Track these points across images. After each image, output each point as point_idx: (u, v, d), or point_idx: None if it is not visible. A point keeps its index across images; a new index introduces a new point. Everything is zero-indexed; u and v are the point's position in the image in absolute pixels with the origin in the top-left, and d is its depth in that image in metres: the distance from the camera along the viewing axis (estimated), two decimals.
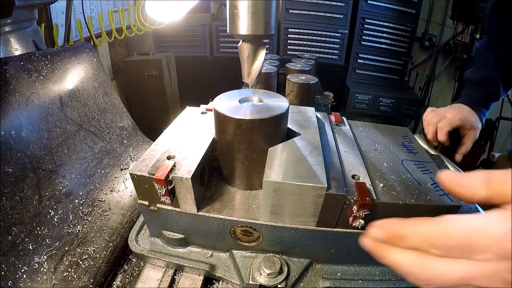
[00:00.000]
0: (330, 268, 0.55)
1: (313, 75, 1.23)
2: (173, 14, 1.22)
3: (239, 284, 0.52)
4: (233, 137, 0.51)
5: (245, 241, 0.53)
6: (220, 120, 0.51)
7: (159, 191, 0.48)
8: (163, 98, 2.65)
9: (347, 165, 0.53)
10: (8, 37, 0.72)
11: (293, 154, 0.50)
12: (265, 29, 0.49)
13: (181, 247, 0.57)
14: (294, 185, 0.44)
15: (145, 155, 0.51)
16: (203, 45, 2.90)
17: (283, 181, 0.44)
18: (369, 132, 0.69)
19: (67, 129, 0.72)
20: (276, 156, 0.49)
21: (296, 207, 0.46)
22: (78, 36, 1.82)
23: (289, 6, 2.70)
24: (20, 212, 0.54)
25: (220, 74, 2.86)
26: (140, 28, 2.17)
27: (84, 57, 0.84)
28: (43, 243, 0.55)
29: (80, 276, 0.54)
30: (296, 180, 0.44)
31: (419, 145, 0.66)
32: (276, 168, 0.46)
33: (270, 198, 0.46)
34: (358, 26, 2.73)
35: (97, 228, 0.63)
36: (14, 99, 0.61)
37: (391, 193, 0.48)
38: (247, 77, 0.57)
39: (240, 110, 0.51)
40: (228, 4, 0.48)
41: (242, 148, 0.51)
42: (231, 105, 0.52)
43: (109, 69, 2.46)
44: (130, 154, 0.85)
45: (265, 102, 0.54)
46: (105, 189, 0.72)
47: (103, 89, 0.87)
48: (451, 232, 0.32)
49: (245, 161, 0.53)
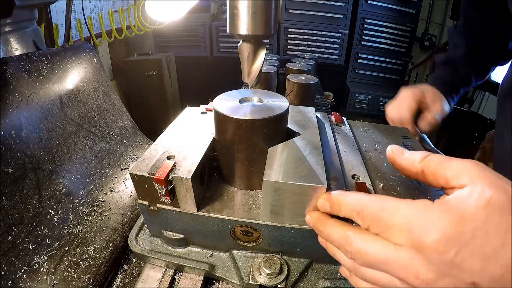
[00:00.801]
0: (330, 268, 0.55)
1: (313, 75, 1.22)
2: (173, 14, 1.22)
3: (239, 284, 0.52)
4: (233, 137, 0.51)
5: (245, 241, 0.53)
6: (220, 120, 0.51)
7: (159, 191, 0.48)
8: (163, 98, 2.65)
9: (347, 165, 0.53)
10: (8, 37, 0.72)
11: (293, 154, 0.50)
12: (265, 29, 0.49)
13: (181, 247, 0.57)
14: (294, 185, 0.43)
15: (145, 155, 0.51)
16: (203, 45, 2.90)
17: (283, 181, 0.44)
18: (369, 132, 0.69)
19: (67, 129, 0.72)
20: (276, 156, 0.49)
21: (296, 207, 0.46)
22: (78, 36, 1.82)
23: (289, 6, 2.70)
24: (20, 212, 0.54)
25: (220, 74, 2.86)
26: (140, 28, 2.17)
27: (84, 57, 0.84)
28: (43, 243, 0.55)
29: (80, 276, 0.54)
30: (296, 180, 0.44)
31: (419, 145, 0.66)
32: (276, 168, 0.46)
33: (270, 198, 0.46)
34: (358, 26, 2.73)
35: (97, 228, 0.63)
36: (14, 99, 0.61)
37: (391, 193, 0.48)
38: (247, 77, 0.57)
39: (240, 110, 0.50)
40: (228, 4, 0.48)
41: (242, 148, 0.51)
42: (231, 105, 0.52)
43: (109, 69, 2.46)
44: (130, 154, 0.85)
45: (265, 102, 0.54)
46: (105, 189, 0.72)
47: (103, 89, 0.87)
48: (374, 203, 0.33)
49: (245, 161, 0.53)
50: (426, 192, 0.49)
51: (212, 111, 0.53)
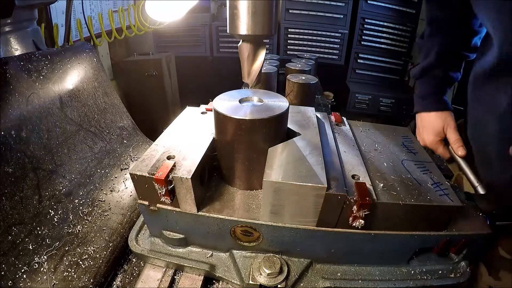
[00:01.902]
0: (330, 268, 0.55)
1: (313, 75, 1.23)
2: (173, 14, 1.22)
3: (239, 284, 0.52)
4: (233, 137, 0.51)
5: (245, 241, 0.53)
6: (220, 120, 0.52)
7: (159, 191, 0.48)
8: (163, 98, 2.65)
9: (347, 165, 0.53)
10: (8, 37, 0.72)
11: (293, 154, 0.50)
12: (265, 29, 0.49)
13: (181, 247, 0.57)
14: (294, 185, 0.44)
15: (145, 155, 0.51)
16: (203, 45, 2.90)
17: (283, 181, 0.44)
18: (369, 132, 0.69)
19: (67, 129, 0.72)
20: (276, 156, 0.49)
21: (296, 207, 0.46)
22: (78, 36, 1.81)
23: (289, 6, 2.69)
24: (20, 212, 0.54)
25: (220, 74, 2.86)
26: (140, 28, 2.17)
27: (84, 57, 0.84)
28: (43, 243, 0.55)
29: (80, 276, 0.54)
30: (296, 180, 0.44)
31: (419, 145, 0.66)
32: (276, 168, 0.46)
33: (270, 198, 0.46)
34: (358, 26, 2.73)
35: (97, 228, 0.63)
36: (14, 99, 0.61)
37: (391, 193, 0.48)
38: (247, 77, 0.57)
39: (240, 110, 0.51)
40: (228, 4, 0.48)
41: (242, 148, 0.52)
42: (231, 105, 0.53)
43: (109, 69, 2.46)
44: (130, 154, 0.85)
45: (265, 102, 0.55)
46: (105, 189, 0.72)
47: (103, 89, 0.87)
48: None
49: (245, 161, 0.53)
50: (426, 192, 0.49)
51: (212, 111, 0.53)
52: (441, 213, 0.49)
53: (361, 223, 0.47)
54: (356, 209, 0.45)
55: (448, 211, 0.49)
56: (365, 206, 0.45)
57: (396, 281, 0.54)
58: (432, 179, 0.53)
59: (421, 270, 0.56)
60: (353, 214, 0.46)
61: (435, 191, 0.50)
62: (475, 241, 0.54)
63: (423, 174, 0.54)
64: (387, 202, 0.46)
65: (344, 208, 0.46)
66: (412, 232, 0.51)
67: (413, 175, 0.53)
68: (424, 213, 0.48)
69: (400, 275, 0.56)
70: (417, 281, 0.55)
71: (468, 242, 0.54)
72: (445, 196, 0.49)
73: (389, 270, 0.56)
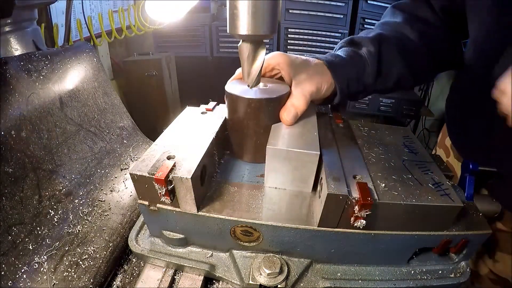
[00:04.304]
0: (330, 268, 0.55)
1: None
2: (173, 14, 1.22)
3: (239, 284, 0.52)
4: (243, 115, 0.58)
5: (245, 241, 0.53)
6: (233, 100, 0.59)
7: (159, 191, 0.48)
8: (163, 98, 2.64)
9: (348, 165, 0.53)
10: (8, 37, 0.72)
11: (293, 130, 0.58)
12: (265, 29, 0.49)
13: (181, 247, 0.57)
14: (292, 152, 0.51)
15: (145, 155, 0.51)
16: (203, 45, 2.90)
17: (283, 148, 0.52)
18: (369, 132, 0.69)
19: (67, 129, 0.71)
20: (279, 131, 0.57)
21: (295, 172, 0.54)
22: (78, 36, 1.81)
23: (289, 6, 2.69)
24: (20, 212, 0.54)
25: (220, 74, 2.85)
26: (140, 28, 2.17)
27: (84, 57, 0.84)
28: (43, 243, 0.55)
29: (80, 276, 0.54)
30: (294, 147, 0.52)
31: (420, 145, 0.66)
32: (278, 139, 0.54)
33: (272, 163, 0.54)
34: (358, 26, 2.72)
35: (97, 228, 0.63)
36: (14, 99, 0.61)
37: (392, 193, 0.48)
38: (247, 77, 0.57)
39: (249, 92, 0.58)
40: (228, 4, 0.48)
41: (251, 124, 0.59)
42: (242, 88, 0.60)
43: (109, 69, 2.46)
44: (130, 154, 0.85)
45: (270, 87, 0.62)
46: (105, 189, 0.72)
47: (103, 89, 0.87)
48: None
49: (253, 136, 0.60)
50: (427, 192, 0.49)
51: (224, 96, 0.61)
52: (442, 213, 0.49)
53: (362, 223, 0.47)
54: (358, 209, 0.45)
55: (449, 211, 0.49)
56: (367, 206, 0.45)
57: (396, 281, 0.54)
58: (433, 179, 0.53)
59: (421, 270, 0.56)
60: (355, 214, 0.46)
61: (437, 191, 0.50)
62: (475, 241, 0.54)
63: (424, 174, 0.54)
64: (388, 202, 0.46)
65: (346, 208, 0.46)
66: (413, 232, 0.51)
67: (414, 175, 0.53)
68: (425, 213, 0.48)
69: (400, 275, 0.56)
70: (417, 281, 0.55)
71: (468, 242, 0.54)
72: (446, 196, 0.49)
73: (389, 270, 0.56)
